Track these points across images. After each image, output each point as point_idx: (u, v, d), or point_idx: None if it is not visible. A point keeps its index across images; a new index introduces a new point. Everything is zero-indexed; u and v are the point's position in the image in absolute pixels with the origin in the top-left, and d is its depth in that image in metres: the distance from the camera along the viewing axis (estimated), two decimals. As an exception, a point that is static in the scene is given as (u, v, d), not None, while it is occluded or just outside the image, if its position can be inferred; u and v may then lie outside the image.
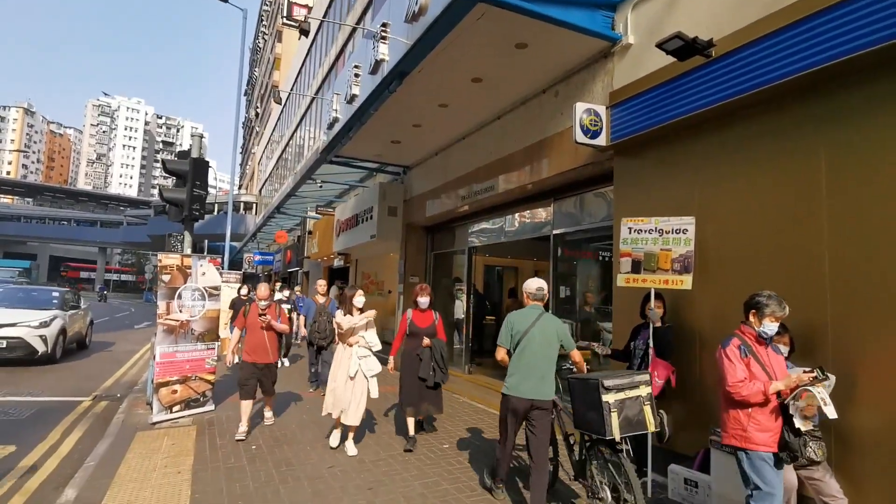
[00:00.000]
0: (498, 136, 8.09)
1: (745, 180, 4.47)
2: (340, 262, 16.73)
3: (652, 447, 4.52)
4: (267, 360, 5.93)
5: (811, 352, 3.82)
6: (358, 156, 11.37)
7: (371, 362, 5.34)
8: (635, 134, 5.27)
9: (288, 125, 24.44)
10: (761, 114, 4.34)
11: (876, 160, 3.60)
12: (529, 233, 8.48)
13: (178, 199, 7.12)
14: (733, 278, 4.50)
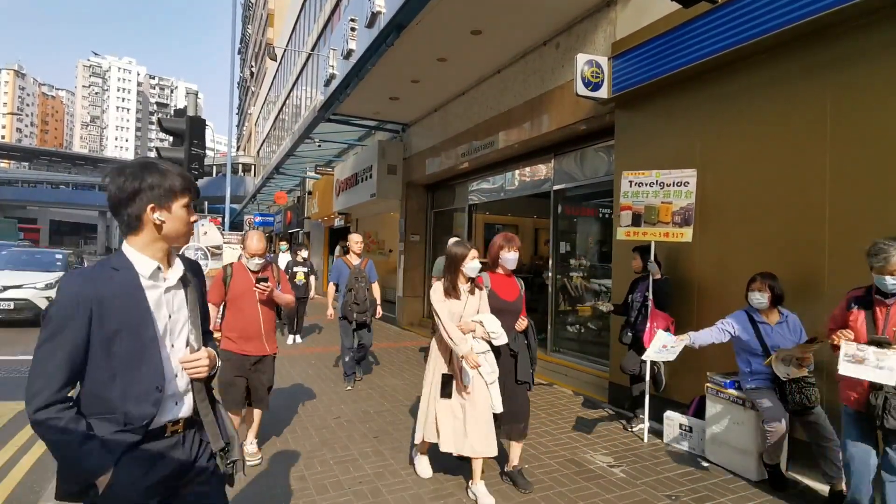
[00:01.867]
0: (498, 90, 7.96)
1: (747, 130, 4.43)
2: (341, 221, 16.73)
3: (649, 395, 4.65)
4: (262, 350, 3.96)
5: (807, 299, 3.88)
6: (356, 113, 11.21)
7: (490, 361, 3.49)
8: (638, 85, 5.19)
9: (284, 84, 23.99)
10: (765, 62, 4.27)
11: (881, 107, 3.57)
12: (530, 189, 8.46)
13: (177, 158, 7.06)
14: (733, 229, 4.53)
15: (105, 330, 1.48)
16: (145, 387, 1.54)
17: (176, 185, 1.61)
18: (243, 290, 3.91)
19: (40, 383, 1.43)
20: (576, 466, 4.04)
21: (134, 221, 1.59)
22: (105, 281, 1.52)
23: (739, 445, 3.94)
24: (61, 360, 1.44)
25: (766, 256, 4.16)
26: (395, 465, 3.99)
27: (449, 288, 3.48)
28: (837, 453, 3.41)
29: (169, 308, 1.64)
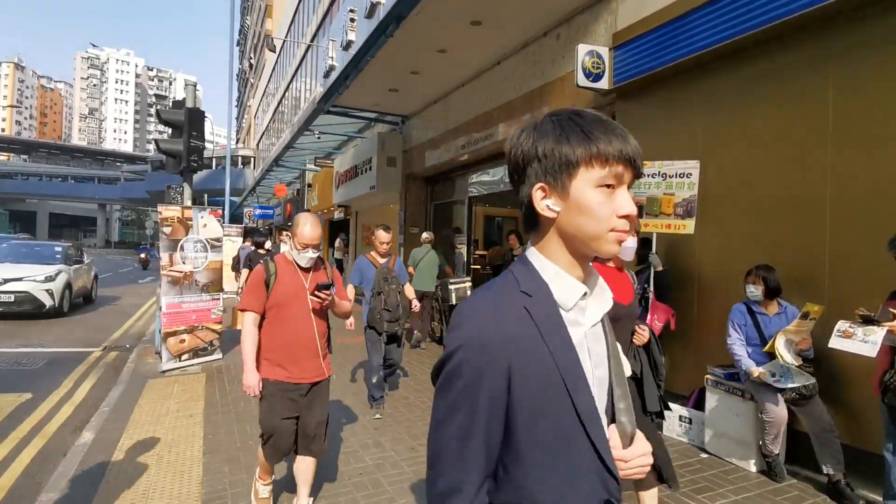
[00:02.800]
0: (498, 82, 7.92)
1: (749, 122, 4.41)
2: (341, 214, 16.71)
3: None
4: (319, 373, 3.03)
5: (807, 290, 3.87)
6: (356, 105, 11.16)
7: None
8: (639, 76, 5.15)
9: (283, 76, 23.89)
10: (768, 53, 4.24)
11: (884, 99, 3.54)
12: (530, 181, 8.43)
13: (176, 150, 7.05)
14: (734, 221, 4.52)
15: (528, 398, 0.88)
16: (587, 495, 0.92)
17: (580, 153, 0.89)
18: (292, 293, 2.91)
19: (453, 477, 0.89)
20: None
21: (527, 212, 0.97)
22: (519, 318, 0.90)
23: (738, 436, 3.95)
24: (478, 445, 0.88)
25: (766, 248, 4.15)
26: (396, 457, 4.00)
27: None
28: (836, 444, 3.44)
29: (593, 361, 0.98)
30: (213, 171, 41.21)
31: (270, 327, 2.92)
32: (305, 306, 2.94)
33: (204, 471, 3.72)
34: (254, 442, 4.24)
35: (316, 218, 2.96)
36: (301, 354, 2.92)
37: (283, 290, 2.90)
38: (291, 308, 2.90)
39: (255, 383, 2.86)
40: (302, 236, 2.88)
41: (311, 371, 2.96)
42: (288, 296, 2.91)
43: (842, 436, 3.50)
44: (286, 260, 3.00)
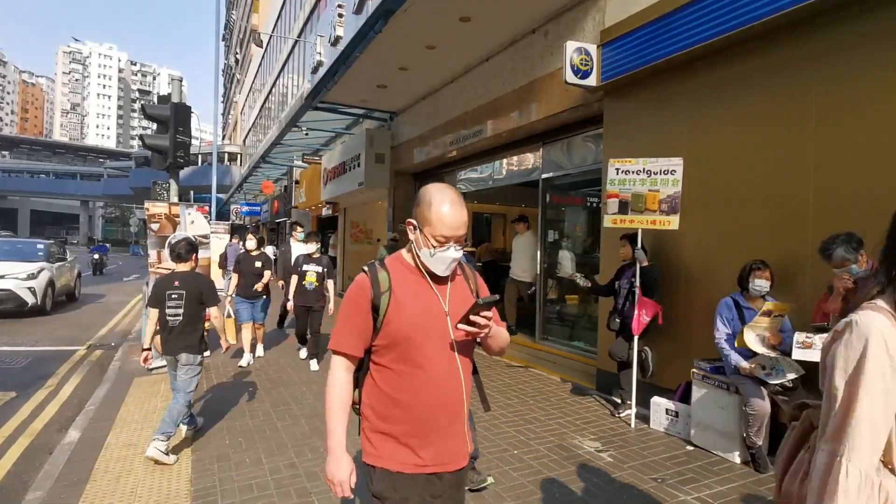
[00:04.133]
0: (487, 78, 7.93)
1: (734, 119, 4.47)
2: (329, 211, 16.64)
3: (637, 381, 4.71)
4: (461, 455, 1.80)
5: (791, 284, 3.94)
6: (344, 101, 11.11)
7: None
8: (626, 73, 5.20)
9: (270, 71, 23.68)
10: (753, 51, 4.30)
11: (865, 97, 3.61)
12: (518, 178, 8.47)
13: (161, 145, 6.98)
14: (719, 217, 4.58)
15: None
16: None
17: None
18: (424, 322, 1.70)
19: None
20: (564, 452, 4.10)
21: None
22: None
23: (723, 429, 4.02)
24: None
25: (751, 243, 4.22)
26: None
27: None
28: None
29: None
30: (200, 168, 40.76)
31: (386, 379, 1.69)
32: (446, 342, 1.69)
33: (192, 469, 3.70)
34: (243, 439, 4.24)
35: (458, 193, 1.72)
36: (441, 423, 1.69)
37: (409, 316, 1.66)
38: (424, 347, 1.66)
39: (345, 477, 1.71)
40: (441, 222, 1.62)
41: (452, 452, 1.74)
42: (418, 326, 1.67)
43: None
44: (404, 265, 1.75)
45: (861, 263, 3.11)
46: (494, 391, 5.61)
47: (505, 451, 4.08)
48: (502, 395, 5.52)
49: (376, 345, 1.70)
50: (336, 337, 1.73)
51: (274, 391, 5.56)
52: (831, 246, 3.14)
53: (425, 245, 1.67)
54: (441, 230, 1.63)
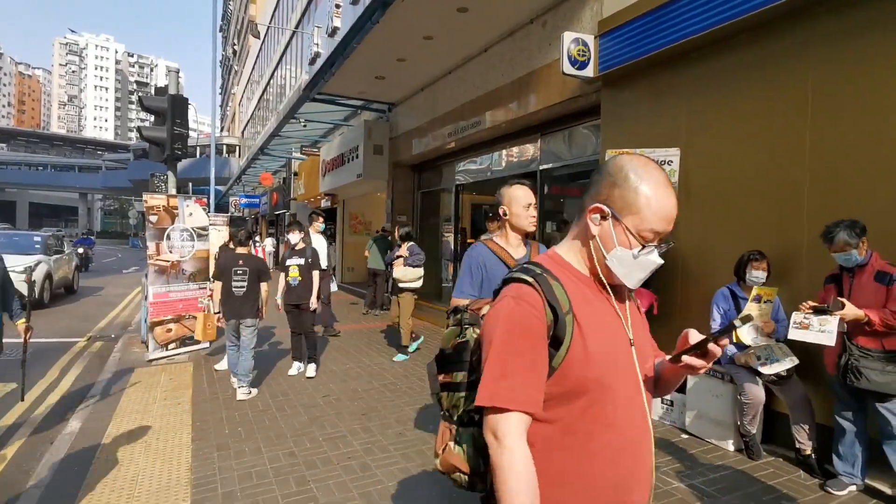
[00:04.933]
0: (485, 69, 7.91)
1: (732, 110, 4.47)
2: (328, 202, 16.64)
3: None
4: None
5: (787, 275, 3.97)
6: (342, 93, 11.08)
7: None
8: (624, 64, 5.18)
9: (268, 63, 23.55)
10: (751, 41, 4.28)
11: (862, 86, 3.61)
12: (516, 169, 8.46)
13: (159, 137, 6.97)
14: (717, 208, 4.59)
15: None
16: None
17: None
18: (615, 358, 1.16)
19: None
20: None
21: None
22: None
23: (718, 417, 4.06)
24: None
25: (747, 234, 4.24)
26: (384, 441, 4.05)
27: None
28: (811, 420, 3.57)
29: None
30: (198, 160, 40.67)
31: (552, 446, 1.12)
32: (634, 386, 1.19)
33: (193, 457, 3.74)
34: (242, 429, 4.28)
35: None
36: (634, 489, 1.19)
37: (598, 351, 1.13)
38: (616, 396, 1.14)
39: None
40: (656, 211, 1.13)
41: None
42: (609, 365, 1.15)
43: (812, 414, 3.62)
44: (572, 272, 1.21)
45: (861, 251, 3.12)
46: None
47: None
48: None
49: (556, 393, 1.11)
50: (499, 385, 1.07)
51: (273, 382, 5.60)
52: (834, 230, 3.16)
53: (621, 243, 1.15)
54: (653, 223, 1.13)
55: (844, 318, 3.06)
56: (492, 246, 2.68)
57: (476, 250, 2.72)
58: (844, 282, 3.25)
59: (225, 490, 3.28)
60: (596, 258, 1.19)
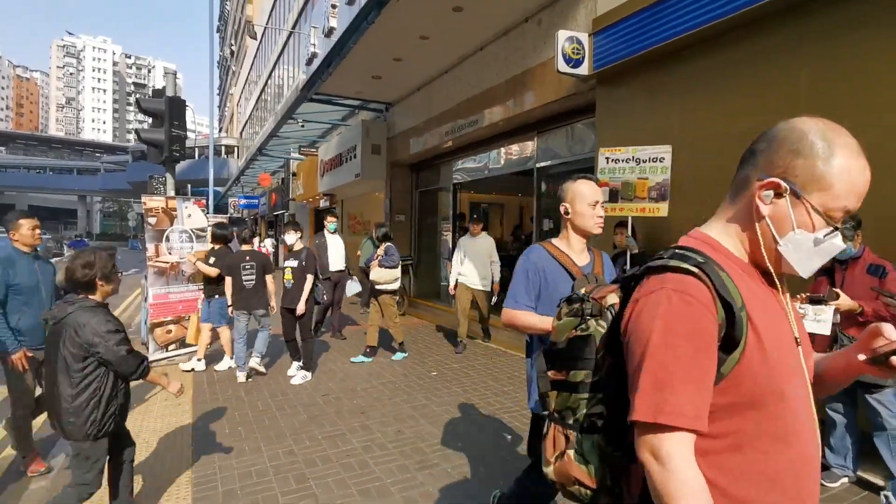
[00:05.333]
0: (480, 68, 7.94)
1: (723, 106, 4.50)
2: (326, 202, 16.67)
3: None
4: None
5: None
6: (339, 93, 11.11)
7: None
8: (617, 62, 5.22)
9: (265, 63, 23.57)
10: (744, 37, 4.31)
11: (856, 82, 3.64)
12: (514, 167, 8.50)
13: (157, 139, 7.00)
14: (709, 204, 4.59)
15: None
16: None
17: None
18: (790, 362, 0.98)
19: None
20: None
21: None
22: None
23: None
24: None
25: None
26: (383, 439, 4.09)
27: None
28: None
29: None
30: (196, 161, 40.72)
31: (740, 466, 0.93)
32: (805, 389, 1.01)
33: (193, 456, 3.78)
34: (243, 428, 4.31)
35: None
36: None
37: (774, 353, 0.95)
38: (792, 400, 0.96)
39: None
40: (851, 186, 0.98)
41: None
42: (785, 370, 0.97)
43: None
44: (733, 259, 1.06)
45: (855, 244, 3.19)
46: (489, 378, 5.68)
47: (488, 419, 4.17)
48: (496, 381, 5.59)
49: (725, 405, 0.94)
50: (662, 397, 0.90)
51: (272, 381, 5.64)
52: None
53: (802, 224, 0.98)
54: (848, 199, 0.97)
55: (839, 308, 3.12)
56: (552, 250, 2.33)
57: (534, 253, 2.34)
58: (837, 274, 3.31)
59: (225, 488, 3.32)
60: (763, 243, 1.00)
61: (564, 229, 2.37)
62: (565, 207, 2.34)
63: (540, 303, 2.25)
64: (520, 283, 2.30)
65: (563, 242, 2.37)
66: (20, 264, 3.57)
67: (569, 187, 2.35)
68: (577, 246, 2.35)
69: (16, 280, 3.51)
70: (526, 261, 2.33)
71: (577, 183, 2.34)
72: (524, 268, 2.31)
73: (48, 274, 3.79)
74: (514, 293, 2.30)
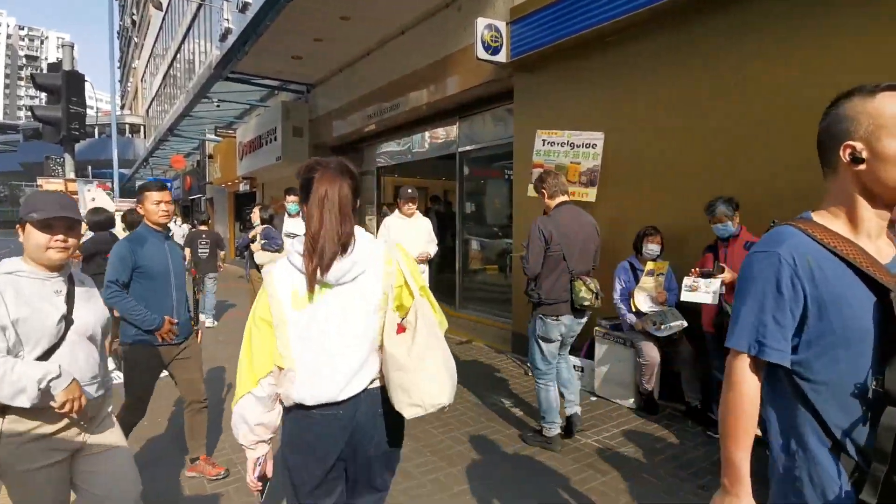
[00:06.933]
0: (403, 52, 7.93)
1: (637, 95, 4.74)
2: (247, 186, 16.06)
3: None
4: None
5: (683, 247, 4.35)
6: (257, 72, 10.69)
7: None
8: (535, 50, 5.38)
9: (172, 36, 22.06)
10: (662, 28, 4.48)
11: (769, 75, 3.87)
12: (437, 151, 8.60)
13: (54, 117, 6.47)
14: (627, 188, 4.87)
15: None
16: None
17: None
18: None
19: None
20: (479, 409, 4.39)
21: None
22: None
23: (621, 379, 4.46)
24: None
25: (652, 212, 4.57)
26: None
27: None
28: (698, 377, 4.02)
29: None
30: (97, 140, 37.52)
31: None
32: None
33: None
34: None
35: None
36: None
37: None
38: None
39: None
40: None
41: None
42: None
43: (700, 371, 4.07)
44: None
45: (734, 223, 3.61)
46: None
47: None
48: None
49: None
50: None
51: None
52: (715, 203, 3.64)
53: None
54: None
55: (725, 280, 3.51)
56: (826, 237, 1.11)
57: (791, 243, 1.13)
58: (720, 251, 3.72)
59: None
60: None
61: (837, 195, 1.16)
62: (853, 148, 1.10)
63: (812, 349, 1.11)
64: (761, 304, 1.15)
65: (841, 222, 1.16)
66: (149, 244, 2.98)
67: (865, 106, 1.09)
68: (872, 228, 1.13)
69: (143, 262, 2.94)
70: (769, 261, 1.15)
71: (883, 99, 1.08)
72: (767, 276, 1.14)
73: (178, 259, 3.15)
74: (747, 323, 1.17)
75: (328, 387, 1.54)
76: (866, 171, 1.08)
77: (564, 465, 3.41)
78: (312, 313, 1.55)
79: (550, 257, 3.50)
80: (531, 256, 3.50)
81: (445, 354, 1.63)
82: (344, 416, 1.57)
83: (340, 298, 1.57)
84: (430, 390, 1.56)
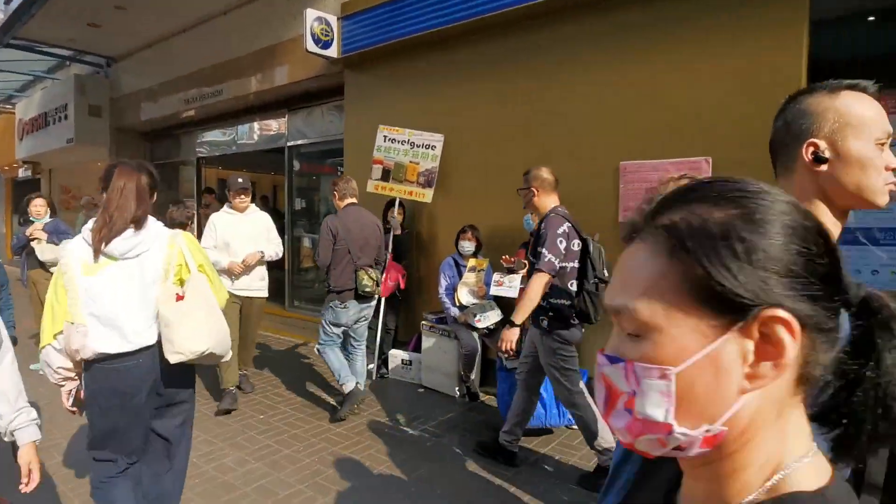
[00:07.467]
0: (227, 34, 7.36)
1: (466, 99, 4.92)
2: (28, 172, 13.57)
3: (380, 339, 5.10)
4: None
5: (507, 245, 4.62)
6: (44, 39, 9.02)
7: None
8: (366, 48, 5.39)
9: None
10: (476, 41, 4.76)
11: (570, 86, 4.27)
12: (265, 144, 8.16)
13: None
14: (458, 189, 5.05)
15: None
16: None
17: None
18: None
19: None
20: (310, 409, 4.30)
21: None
22: None
23: (446, 370, 4.70)
24: None
25: (478, 212, 4.79)
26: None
27: None
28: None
29: None
30: None
31: None
32: None
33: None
34: None
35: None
36: None
37: None
38: None
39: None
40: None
41: None
42: None
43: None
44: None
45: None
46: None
47: (252, 417, 4.11)
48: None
49: None
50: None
51: None
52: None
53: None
54: None
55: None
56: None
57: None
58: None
59: None
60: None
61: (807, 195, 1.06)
62: (816, 146, 1.02)
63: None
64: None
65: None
66: None
67: (829, 103, 1.03)
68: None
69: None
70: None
71: (846, 97, 1.02)
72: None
73: None
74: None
75: (117, 340, 1.98)
76: (827, 172, 0.99)
77: (394, 455, 3.50)
78: (100, 279, 1.98)
79: (338, 251, 4.09)
80: (321, 250, 4.09)
81: (210, 314, 2.07)
82: (143, 364, 2.02)
83: (125, 270, 2.01)
84: (189, 339, 2.00)
